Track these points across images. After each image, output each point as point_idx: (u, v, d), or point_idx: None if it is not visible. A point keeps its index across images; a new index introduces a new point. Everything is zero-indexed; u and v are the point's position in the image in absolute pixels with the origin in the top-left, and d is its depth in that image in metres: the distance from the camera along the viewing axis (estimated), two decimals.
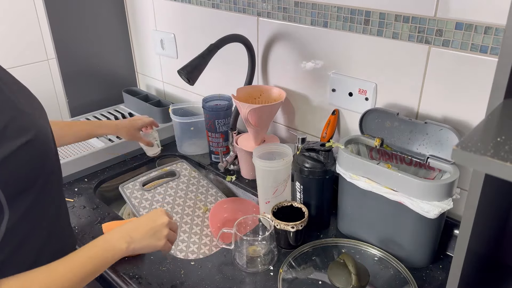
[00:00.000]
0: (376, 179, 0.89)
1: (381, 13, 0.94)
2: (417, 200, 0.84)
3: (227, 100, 1.30)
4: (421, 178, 0.84)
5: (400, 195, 0.86)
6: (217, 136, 1.29)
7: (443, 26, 0.85)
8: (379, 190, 0.89)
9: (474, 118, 0.88)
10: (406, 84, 0.96)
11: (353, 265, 0.83)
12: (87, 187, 1.22)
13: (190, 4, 1.37)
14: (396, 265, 0.92)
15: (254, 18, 1.20)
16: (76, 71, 1.55)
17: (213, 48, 1.08)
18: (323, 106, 1.14)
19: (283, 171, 1.00)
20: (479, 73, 0.84)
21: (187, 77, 1.04)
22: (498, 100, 0.50)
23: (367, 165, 0.90)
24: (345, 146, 0.96)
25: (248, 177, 1.26)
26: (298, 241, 0.97)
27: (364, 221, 0.97)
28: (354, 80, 1.04)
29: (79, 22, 1.50)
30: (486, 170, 0.41)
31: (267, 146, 1.07)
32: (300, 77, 1.16)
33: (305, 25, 1.09)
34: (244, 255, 0.93)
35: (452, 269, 0.56)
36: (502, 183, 0.45)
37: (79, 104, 1.58)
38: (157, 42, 1.56)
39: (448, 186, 0.82)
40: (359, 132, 1.00)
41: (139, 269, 0.92)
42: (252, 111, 1.09)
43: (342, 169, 0.94)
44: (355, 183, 0.92)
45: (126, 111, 1.60)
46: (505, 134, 0.44)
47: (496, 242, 0.86)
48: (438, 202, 0.83)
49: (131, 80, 1.75)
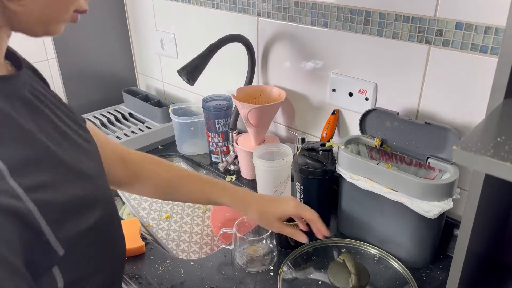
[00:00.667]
0: (376, 179, 0.89)
1: (381, 13, 0.94)
2: (417, 200, 0.84)
3: (227, 100, 1.30)
4: (421, 178, 0.84)
5: (400, 195, 0.86)
6: (217, 136, 1.29)
7: (443, 26, 0.85)
8: (379, 190, 0.89)
9: (474, 118, 0.88)
10: (406, 84, 0.96)
11: (353, 265, 0.83)
12: None
13: (190, 4, 1.37)
14: (396, 265, 0.92)
15: (254, 18, 1.20)
16: (76, 71, 1.55)
17: (213, 48, 1.08)
18: (323, 106, 1.14)
19: (283, 171, 1.00)
20: (479, 73, 0.84)
21: (187, 77, 1.04)
22: (498, 100, 0.50)
23: (367, 165, 0.90)
24: (345, 146, 0.96)
25: (248, 177, 1.26)
26: (298, 241, 0.97)
27: (364, 221, 0.97)
28: (354, 80, 1.04)
29: (79, 22, 1.49)
30: (486, 170, 0.41)
31: (267, 146, 1.07)
32: (300, 77, 1.16)
33: (305, 25, 1.09)
34: (244, 255, 0.93)
35: (452, 269, 0.56)
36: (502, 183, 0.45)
37: (79, 104, 1.58)
38: (157, 42, 1.56)
39: (448, 186, 0.82)
40: (359, 132, 1.00)
41: (139, 269, 0.92)
42: (252, 111, 1.09)
43: (342, 169, 0.94)
44: (355, 183, 0.92)
45: (126, 111, 1.60)
46: (505, 134, 0.44)
47: (496, 242, 0.86)
48: (438, 202, 0.83)
49: (131, 80, 1.75)
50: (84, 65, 1.57)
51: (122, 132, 1.45)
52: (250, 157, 1.09)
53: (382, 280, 0.89)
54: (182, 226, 1.11)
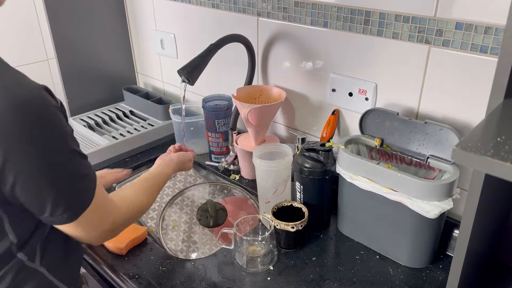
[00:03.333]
0: (376, 179, 0.89)
1: (381, 13, 0.94)
2: (417, 200, 0.84)
3: (227, 100, 1.30)
4: (421, 178, 0.84)
5: (400, 195, 0.86)
6: (217, 136, 1.29)
7: (443, 26, 0.85)
8: (379, 190, 0.88)
9: (474, 118, 0.88)
10: (406, 84, 0.96)
11: (212, 209, 1.09)
12: None
13: (190, 4, 1.37)
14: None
15: (254, 18, 1.20)
16: (76, 71, 1.55)
17: (213, 48, 1.08)
18: (323, 106, 1.14)
19: (283, 171, 1.00)
20: (479, 73, 0.84)
21: (187, 77, 1.04)
22: (498, 100, 0.50)
23: (367, 165, 0.90)
24: (345, 146, 0.96)
25: (248, 177, 1.25)
26: (298, 241, 0.97)
27: (364, 221, 0.97)
28: (354, 80, 1.04)
29: (79, 22, 1.50)
30: (486, 170, 0.41)
31: (267, 146, 1.07)
32: (300, 77, 1.16)
33: (305, 25, 1.09)
34: (244, 255, 0.93)
35: (452, 269, 0.56)
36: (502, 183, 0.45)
37: (79, 104, 1.58)
38: (157, 42, 1.56)
39: (448, 186, 0.82)
40: (359, 132, 1.00)
41: (139, 269, 0.92)
42: (252, 111, 1.09)
43: (342, 169, 0.94)
44: (355, 183, 0.92)
45: (127, 109, 1.60)
46: (505, 134, 0.44)
47: (496, 242, 0.86)
48: (438, 202, 0.83)
49: (131, 80, 1.75)
50: (84, 65, 1.57)
51: (125, 130, 1.45)
52: (250, 157, 1.09)
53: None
54: (181, 225, 1.11)
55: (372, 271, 0.91)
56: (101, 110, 1.60)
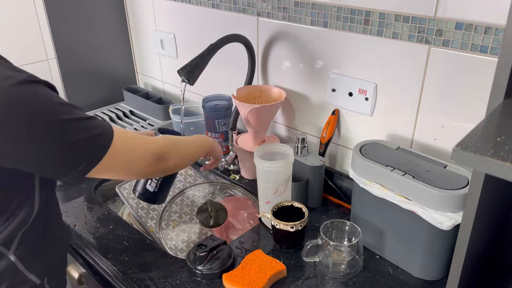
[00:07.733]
0: (390, 186, 0.86)
1: (381, 13, 0.94)
2: (431, 210, 0.80)
3: (227, 100, 1.30)
4: (436, 188, 0.80)
5: (413, 204, 0.82)
6: (217, 136, 1.29)
7: (443, 26, 0.85)
8: (392, 198, 0.85)
9: (474, 118, 0.88)
10: (406, 84, 0.96)
11: (212, 209, 1.08)
12: (87, 186, 1.22)
13: (190, 4, 1.37)
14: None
15: (254, 18, 1.20)
16: (76, 71, 1.55)
17: (213, 48, 1.08)
18: (323, 106, 1.14)
19: (285, 171, 1.00)
20: (479, 73, 0.84)
21: (187, 77, 1.04)
22: (498, 100, 0.49)
23: (381, 171, 0.86)
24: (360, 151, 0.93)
25: (248, 177, 1.25)
26: (297, 241, 0.97)
27: (376, 228, 0.93)
28: (354, 80, 1.04)
29: (79, 22, 1.50)
30: (486, 170, 0.41)
31: (268, 146, 1.07)
32: (300, 77, 1.16)
33: (305, 25, 1.09)
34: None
35: (452, 269, 0.56)
36: (502, 183, 0.45)
37: (79, 104, 1.56)
38: (157, 42, 1.56)
39: (463, 198, 0.78)
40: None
41: (139, 269, 0.92)
42: (252, 111, 1.09)
43: (356, 174, 0.91)
44: (368, 189, 0.89)
45: (127, 109, 1.60)
46: (505, 134, 0.44)
47: (496, 242, 0.86)
48: (452, 214, 0.78)
49: (131, 80, 1.75)
50: (84, 65, 1.57)
51: None
52: (250, 157, 1.09)
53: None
54: (181, 225, 1.11)
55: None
56: (101, 110, 1.60)
